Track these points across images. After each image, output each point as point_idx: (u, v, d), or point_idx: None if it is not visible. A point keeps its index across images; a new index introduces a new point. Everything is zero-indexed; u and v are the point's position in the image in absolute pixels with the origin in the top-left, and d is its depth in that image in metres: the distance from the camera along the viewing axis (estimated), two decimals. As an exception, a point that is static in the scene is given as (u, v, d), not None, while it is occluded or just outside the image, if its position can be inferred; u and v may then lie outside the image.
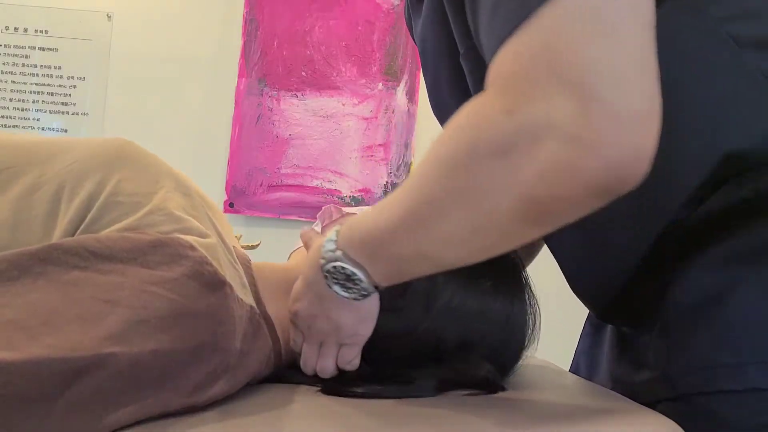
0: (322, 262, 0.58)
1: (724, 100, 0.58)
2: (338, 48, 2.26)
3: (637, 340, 0.69)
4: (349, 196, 2.24)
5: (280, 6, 2.25)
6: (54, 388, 0.43)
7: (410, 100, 2.25)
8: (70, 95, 2.28)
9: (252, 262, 0.70)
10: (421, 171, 0.51)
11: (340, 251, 0.57)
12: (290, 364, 0.69)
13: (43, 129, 2.28)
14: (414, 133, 2.24)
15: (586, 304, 0.77)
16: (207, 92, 2.29)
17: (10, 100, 2.27)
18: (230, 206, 2.23)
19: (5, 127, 2.28)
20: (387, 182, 2.24)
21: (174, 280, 0.51)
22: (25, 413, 0.42)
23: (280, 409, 0.57)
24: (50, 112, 2.28)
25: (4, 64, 2.28)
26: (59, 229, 0.56)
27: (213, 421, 0.51)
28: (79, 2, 2.28)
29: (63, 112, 2.28)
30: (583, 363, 0.82)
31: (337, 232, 0.59)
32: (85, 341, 0.45)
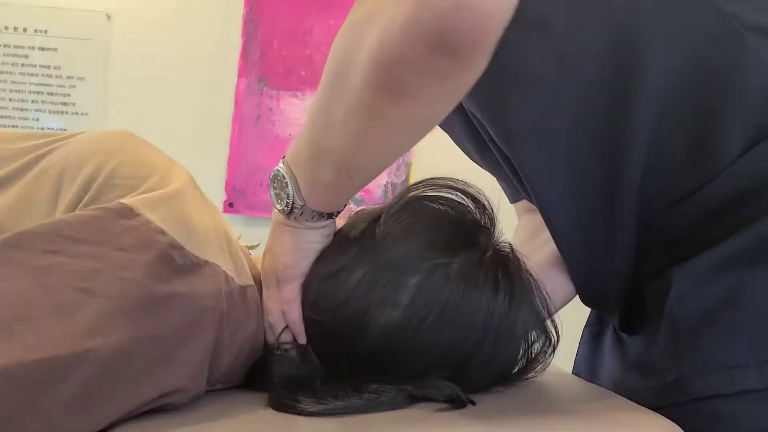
0: (271, 174, 0.61)
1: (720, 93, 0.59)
2: (338, 48, 2.25)
3: (640, 345, 0.68)
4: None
5: (279, 6, 2.25)
6: (37, 391, 0.42)
7: (410, 99, 2.24)
8: (69, 95, 2.28)
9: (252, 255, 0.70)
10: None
11: (282, 160, 0.60)
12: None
13: (42, 129, 2.28)
14: (414, 133, 2.24)
15: (595, 308, 0.77)
16: (206, 92, 2.29)
17: (10, 99, 2.27)
18: (230, 206, 2.23)
19: (5, 126, 2.27)
20: (387, 182, 2.24)
21: (149, 265, 0.50)
22: (8, 421, 0.41)
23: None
24: (49, 112, 2.28)
25: (3, 63, 2.27)
26: (59, 211, 0.57)
27: (213, 420, 0.51)
28: (79, 2, 2.28)
29: (62, 112, 2.28)
30: (584, 371, 0.82)
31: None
32: (64, 338, 0.44)
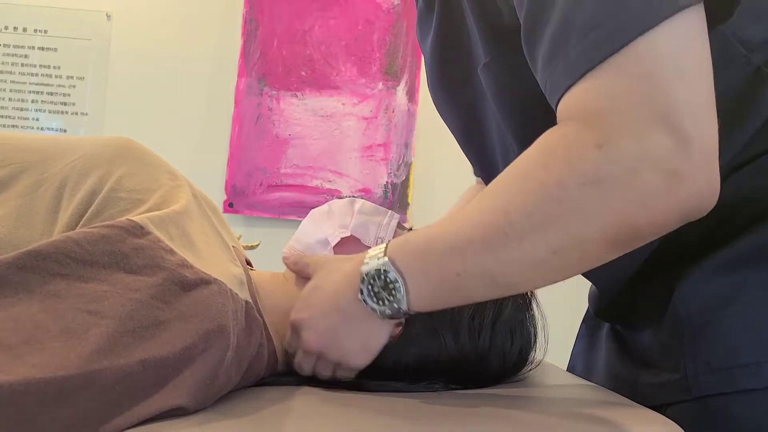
0: (364, 268, 0.58)
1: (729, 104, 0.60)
2: (338, 47, 2.25)
3: (639, 342, 0.69)
4: (349, 197, 2.23)
5: (279, 5, 2.25)
6: (42, 410, 0.41)
7: (410, 99, 2.24)
8: (69, 95, 2.28)
9: (250, 265, 0.70)
10: (497, 196, 0.53)
11: (386, 258, 0.57)
12: (286, 366, 0.69)
13: (42, 129, 2.28)
14: (414, 133, 2.23)
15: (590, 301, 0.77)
16: (207, 92, 2.29)
17: (9, 99, 2.27)
18: (230, 206, 2.23)
19: (4, 126, 2.27)
20: (387, 182, 2.24)
21: (158, 286, 0.50)
22: None
23: (281, 410, 0.57)
24: (49, 112, 2.28)
25: (3, 63, 2.27)
26: (60, 224, 0.56)
27: (213, 421, 0.51)
28: (79, 2, 2.28)
29: (62, 112, 2.28)
30: (580, 365, 0.82)
31: (386, 245, 0.59)
32: (72, 358, 0.43)
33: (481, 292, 0.56)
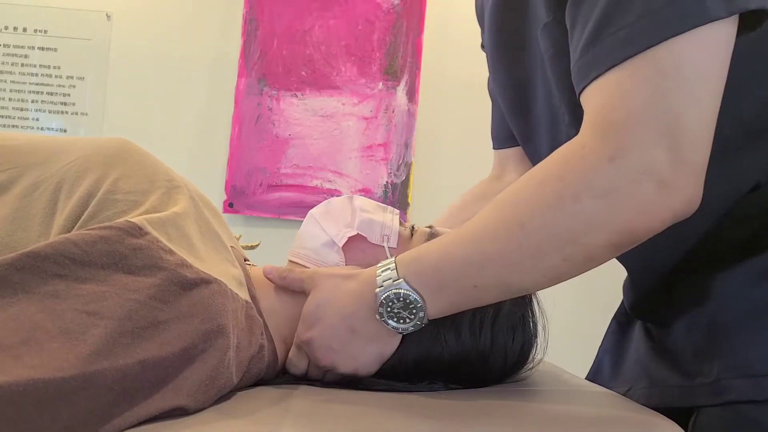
0: (379, 291, 0.59)
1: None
2: (338, 47, 2.25)
3: (672, 342, 0.69)
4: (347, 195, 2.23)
5: (279, 5, 2.25)
6: (41, 411, 0.41)
7: (410, 99, 2.24)
8: (69, 95, 2.28)
9: (249, 264, 0.69)
10: (513, 207, 0.56)
11: (402, 280, 0.59)
12: (283, 368, 0.69)
13: (42, 129, 2.28)
14: (414, 133, 2.23)
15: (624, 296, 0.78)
16: (207, 92, 2.29)
17: (9, 99, 2.27)
18: (230, 206, 2.23)
19: (4, 126, 2.27)
20: (387, 182, 2.24)
21: (156, 286, 0.50)
22: None
23: (280, 410, 0.56)
24: (49, 112, 2.28)
25: (3, 63, 2.27)
26: (56, 227, 0.56)
27: (213, 421, 0.51)
28: (79, 2, 2.28)
29: (62, 112, 2.28)
30: (608, 361, 0.83)
31: (394, 263, 0.61)
32: (70, 359, 0.43)
33: (494, 298, 0.60)
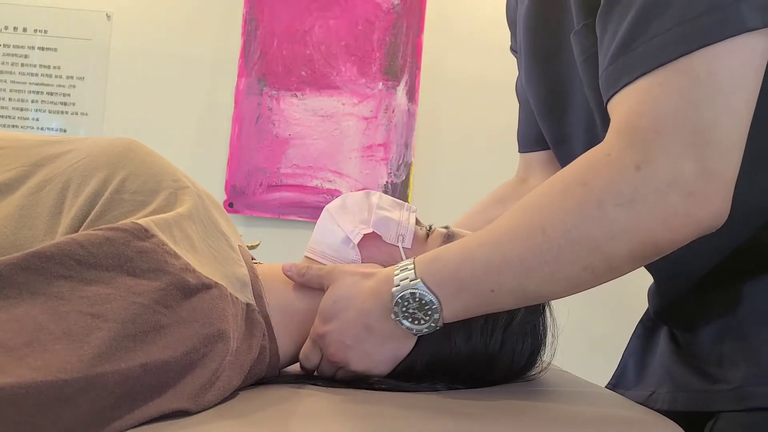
0: (395, 290, 0.59)
1: None
2: (338, 47, 2.25)
3: (698, 347, 0.68)
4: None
5: (279, 5, 2.25)
6: (43, 412, 0.41)
7: (410, 99, 2.24)
8: (69, 95, 2.28)
9: (256, 262, 0.69)
10: (535, 212, 0.55)
11: (419, 280, 0.59)
12: (288, 365, 0.69)
13: (42, 129, 2.28)
14: (414, 133, 2.23)
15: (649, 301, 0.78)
16: (207, 92, 2.29)
17: (9, 99, 2.27)
18: (230, 206, 2.23)
19: (4, 126, 2.27)
20: (387, 182, 2.24)
21: (161, 290, 0.50)
22: None
23: (282, 410, 0.56)
24: (49, 112, 2.28)
25: (3, 63, 2.27)
26: (63, 226, 0.56)
27: (213, 421, 0.51)
28: (79, 2, 2.28)
29: (62, 112, 2.28)
30: (632, 365, 0.82)
31: (413, 262, 0.60)
32: (73, 361, 0.43)
33: (511, 303, 0.59)
